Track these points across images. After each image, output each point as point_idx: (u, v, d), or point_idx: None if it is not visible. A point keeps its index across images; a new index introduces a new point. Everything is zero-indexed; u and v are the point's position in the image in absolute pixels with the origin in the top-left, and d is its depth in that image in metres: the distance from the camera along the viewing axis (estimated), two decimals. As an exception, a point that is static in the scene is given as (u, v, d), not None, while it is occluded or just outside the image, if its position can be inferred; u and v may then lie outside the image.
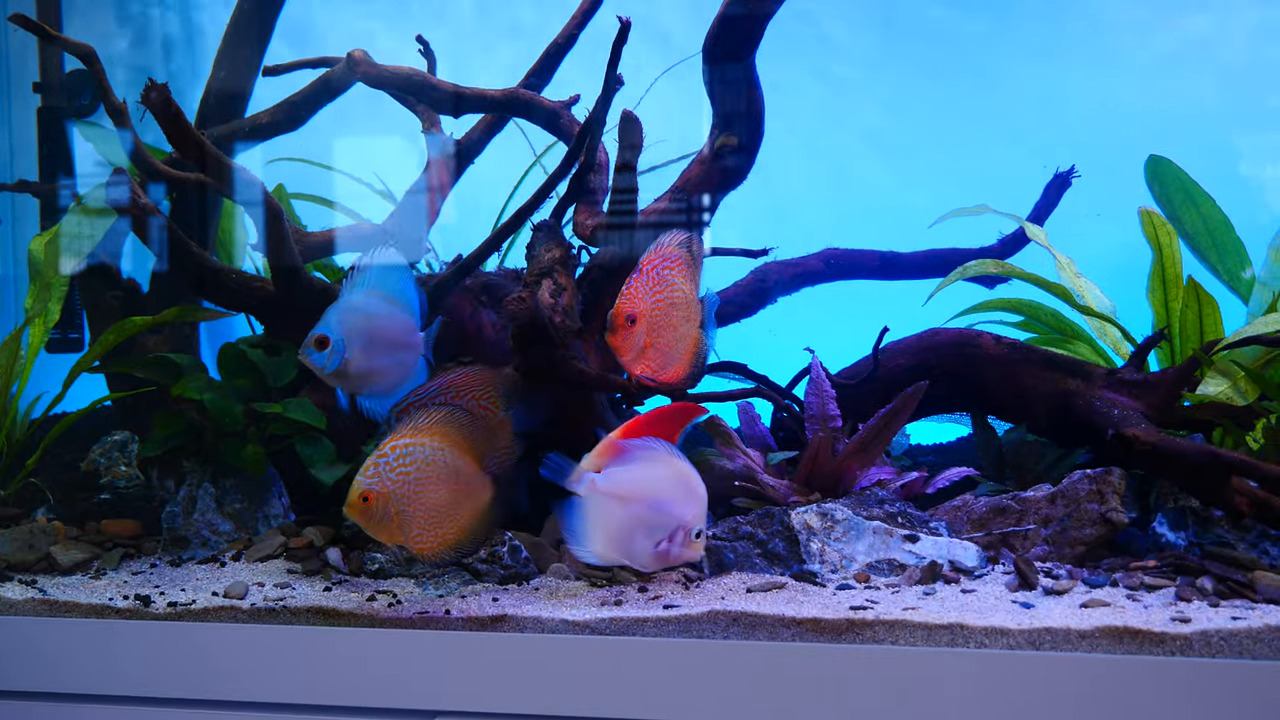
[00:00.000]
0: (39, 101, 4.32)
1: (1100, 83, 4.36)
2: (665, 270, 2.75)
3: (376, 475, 2.67)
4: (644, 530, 2.60)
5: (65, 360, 3.81)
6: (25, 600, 2.86)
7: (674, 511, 2.61)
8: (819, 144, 4.55)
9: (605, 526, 2.61)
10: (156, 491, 3.44)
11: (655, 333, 2.73)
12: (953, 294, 3.65)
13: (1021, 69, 4.46)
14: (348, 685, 2.62)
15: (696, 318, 2.83)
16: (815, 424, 3.28)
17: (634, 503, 2.60)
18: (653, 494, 2.61)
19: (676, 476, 2.64)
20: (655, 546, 2.60)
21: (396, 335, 2.95)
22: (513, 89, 3.63)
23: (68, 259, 3.66)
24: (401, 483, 2.68)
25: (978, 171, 4.40)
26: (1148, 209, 3.31)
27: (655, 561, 2.64)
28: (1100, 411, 3.18)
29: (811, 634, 2.48)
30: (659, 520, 2.60)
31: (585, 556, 2.65)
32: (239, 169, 3.27)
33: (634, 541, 2.61)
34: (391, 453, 2.69)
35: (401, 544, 2.71)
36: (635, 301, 2.71)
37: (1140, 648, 2.35)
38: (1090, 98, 4.36)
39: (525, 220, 3.40)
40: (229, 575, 3.05)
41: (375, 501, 2.66)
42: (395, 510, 2.67)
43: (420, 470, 2.70)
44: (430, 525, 2.71)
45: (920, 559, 2.82)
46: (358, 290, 2.93)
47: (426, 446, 2.71)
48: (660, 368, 2.77)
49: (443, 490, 2.72)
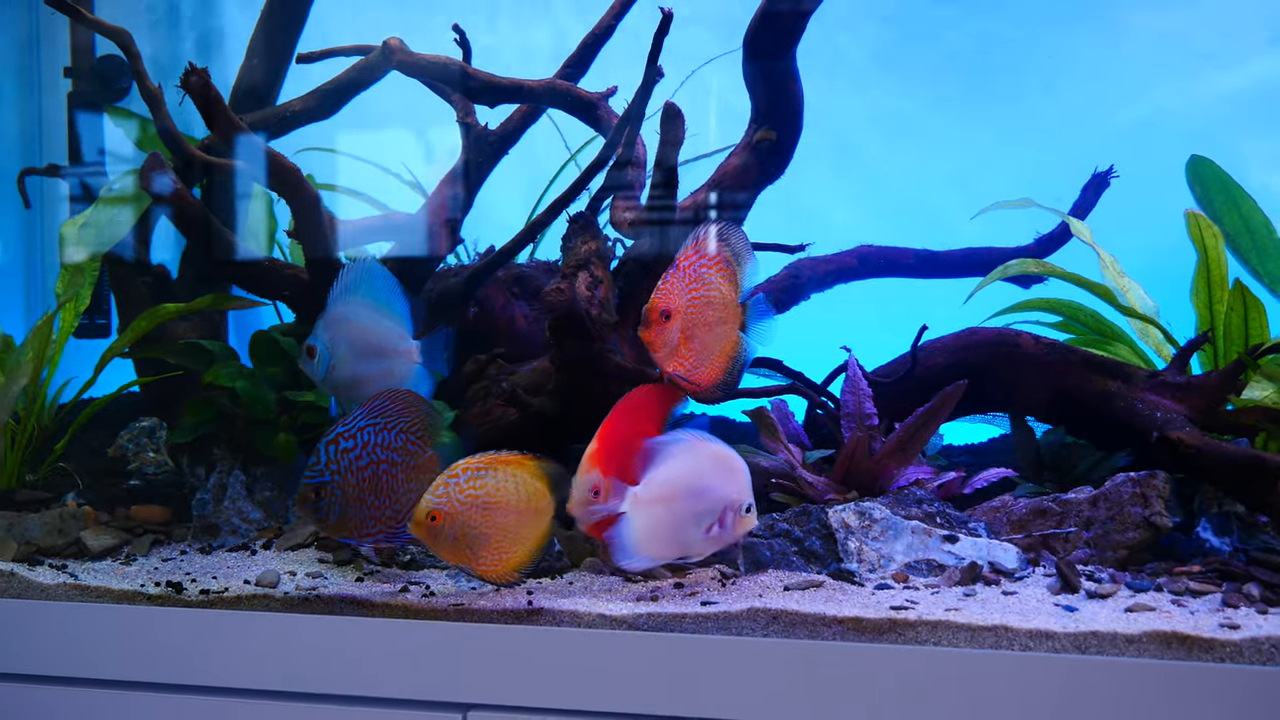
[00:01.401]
0: (69, 87, 4.30)
1: (1140, 81, 4.33)
2: (703, 268, 2.71)
3: (445, 495, 2.64)
4: (692, 521, 2.58)
5: (89, 345, 3.79)
6: (57, 585, 2.84)
7: (718, 494, 2.58)
8: (850, 139, 4.52)
9: (654, 531, 2.58)
10: (186, 478, 3.42)
11: (690, 331, 2.70)
12: (988, 294, 3.62)
13: (1057, 67, 4.42)
14: (381, 676, 2.60)
15: (735, 319, 2.79)
16: (851, 422, 3.25)
17: (677, 499, 2.57)
18: (693, 484, 2.58)
19: (712, 459, 2.61)
20: (707, 533, 2.58)
21: (382, 342, 2.96)
22: (550, 80, 3.60)
23: (98, 244, 3.64)
24: (470, 504, 2.65)
25: (1011, 172, 4.37)
26: (1194, 211, 3.27)
27: (710, 546, 2.62)
28: (1142, 414, 3.15)
29: (853, 633, 2.45)
30: (705, 507, 2.58)
31: (639, 564, 2.62)
32: (277, 155, 3.25)
33: (685, 534, 2.59)
34: (463, 473, 2.66)
35: (466, 565, 2.68)
36: (670, 297, 2.68)
37: (1189, 654, 2.32)
38: (1129, 96, 4.32)
39: (561, 212, 3.38)
40: (260, 564, 3.03)
41: (442, 521, 2.63)
42: (461, 531, 2.64)
43: (490, 495, 2.66)
44: (497, 549, 2.69)
45: (959, 560, 2.79)
46: (341, 299, 2.95)
47: (499, 473, 2.68)
48: (694, 367, 2.74)
49: (510, 515, 2.68)
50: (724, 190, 3.41)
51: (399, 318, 2.99)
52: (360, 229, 3.66)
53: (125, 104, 4.26)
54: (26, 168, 4.18)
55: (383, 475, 2.77)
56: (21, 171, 4.16)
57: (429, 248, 3.57)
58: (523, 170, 3.92)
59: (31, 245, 4.69)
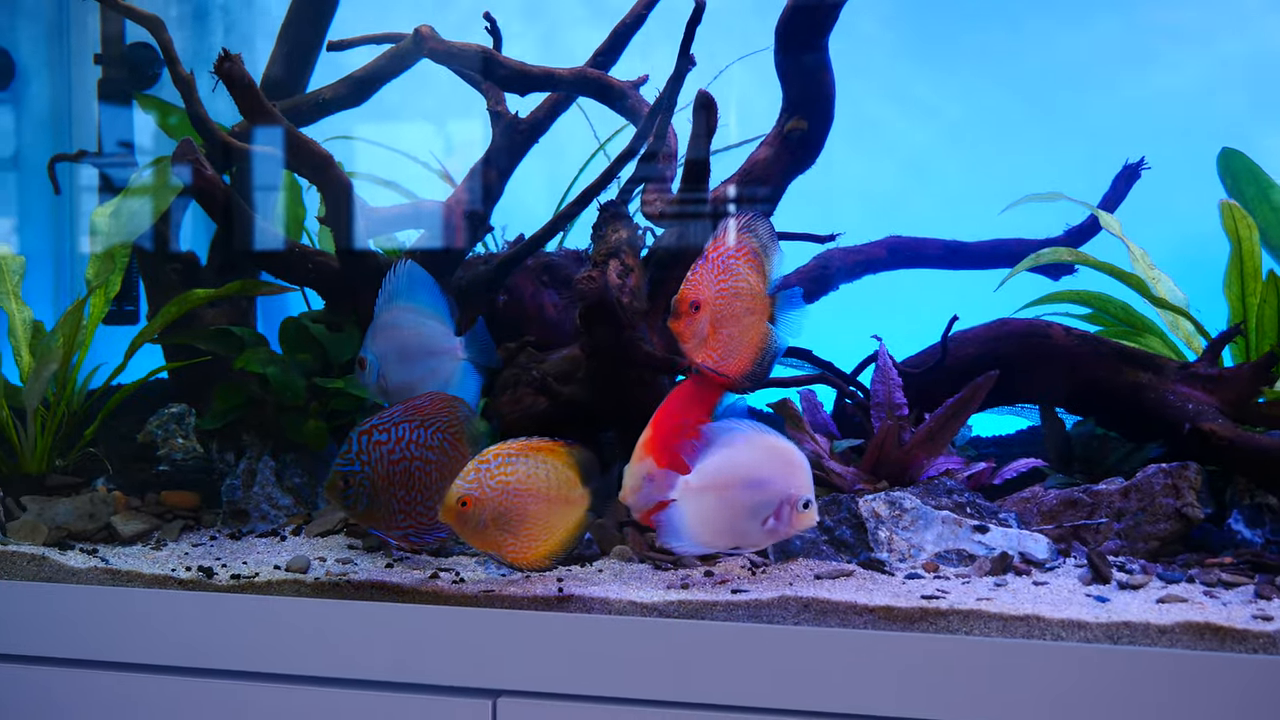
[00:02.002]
0: (99, 74, 4.31)
1: (1171, 74, 4.31)
2: (730, 260, 2.72)
3: (476, 481, 2.64)
4: (748, 512, 2.57)
5: (118, 333, 3.80)
6: (88, 569, 2.85)
7: (774, 487, 2.56)
8: (879, 129, 4.51)
9: (706, 518, 2.58)
10: (215, 464, 3.43)
11: (718, 322, 2.71)
12: (1016, 287, 3.61)
13: (1091, 56, 4.41)
14: (411, 662, 2.60)
15: (764, 310, 2.79)
16: (881, 412, 3.24)
17: (731, 488, 2.57)
18: (749, 475, 2.57)
19: (770, 452, 2.60)
20: (763, 525, 2.57)
21: (427, 344, 3.00)
22: (580, 68, 3.60)
23: (128, 231, 3.65)
24: (500, 491, 2.64)
25: (1040, 163, 4.35)
26: (1229, 201, 3.26)
27: (766, 539, 2.61)
28: (1173, 406, 3.14)
29: (884, 622, 2.45)
30: (761, 499, 2.56)
31: (690, 549, 2.62)
32: (310, 142, 3.26)
33: (740, 524, 2.58)
34: (493, 459, 2.66)
35: (496, 552, 2.68)
36: (700, 289, 2.68)
37: (1221, 644, 2.31)
38: (1160, 89, 4.30)
39: (591, 201, 3.38)
40: (289, 549, 3.04)
41: (472, 507, 2.62)
42: (491, 518, 2.64)
43: (521, 481, 2.66)
44: (527, 537, 2.68)
45: (990, 550, 2.78)
46: (385, 307, 3.00)
47: (531, 459, 2.68)
48: (722, 358, 2.74)
49: (541, 503, 2.68)
50: (754, 180, 3.40)
51: (442, 317, 3.02)
52: (390, 217, 3.66)
53: (155, 92, 4.27)
54: (57, 154, 4.20)
55: (415, 471, 2.78)
56: (52, 158, 4.17)
57: (459, 236, 3.57)
58: (551, 160, 3.93)
59: (60, 234, 4.71)
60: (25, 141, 4.75)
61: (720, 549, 2.66)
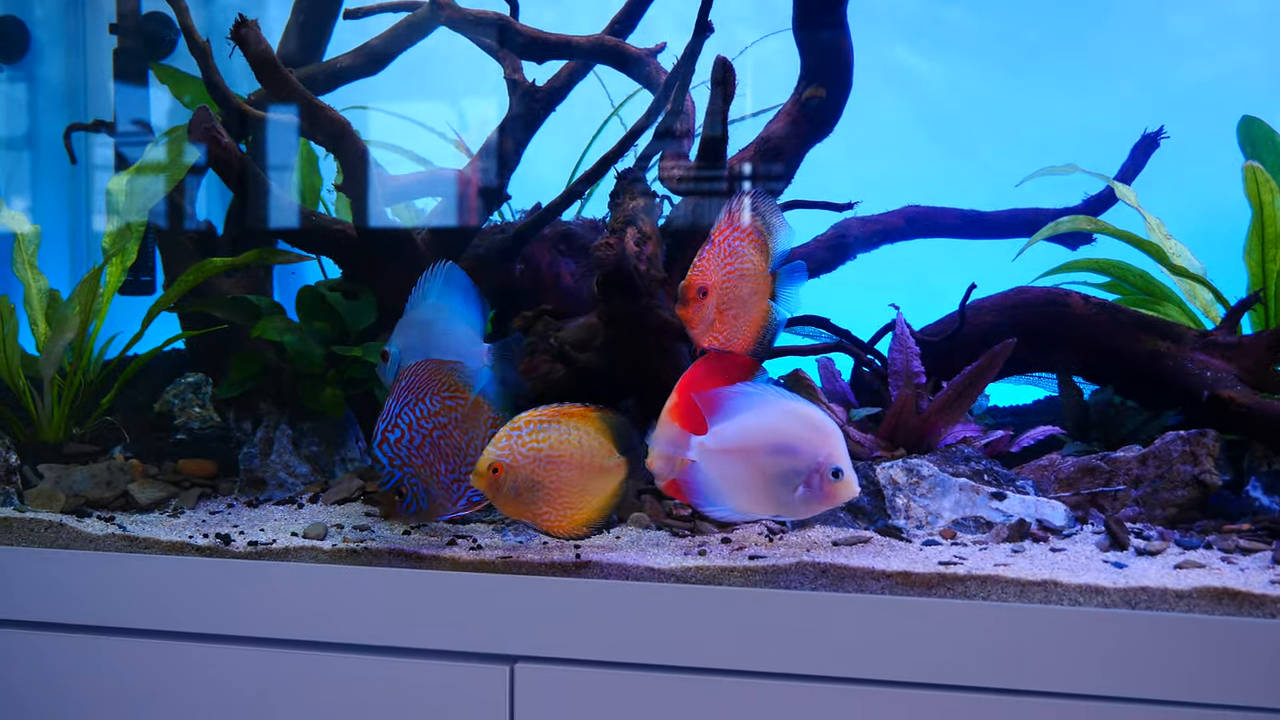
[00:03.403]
0: (115, 43, 4.31)
1: (1192, 42, 4.30)
2: (736, 242, 2.72)
3: (508, 447, 2.63)
4: (778, 479, 2.52)
5: (134, 304, 3.80)
6: (106, 536, 2.86)
7: (802, 454, 2.51)
8: (901, 102, 4.50)
9: (734, 483, 2.56)
10: (232, 433, 3.43)
11: (724, 305, 2.71)
12: (1034, 256, 3.61)
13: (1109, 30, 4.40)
14: (428, 628, 2.61)
15: (767, 289, 2.80)
16: (899, 380, 3.24)
17: (755, 453, 2.54)
18: (771, 440, 2.54)
19: (793, 417, 2.55)
20: (795, 493, 2.54)
21: (452, 346, 2.97)
22: (598, 36, 3.60)
23: (144, 200, 3.65)
24: (532, 458, 2.63)
25: (1057, 133, 4.35)
26: (1252, 165, 3.24)
27: (805, 508, 2.54)
28: (1191, 374, 3.14)
29: (901, 587, 2.45)
30: (787, 465, 2.51)
31: (720, 514, 2.59)
32: (326, 108, 3.25)
33: (772, 491, 2.53)
34: (525, 426, 2.65)
35: (530, 520, 2.68)
36: (707, 274, 2.69)
37: (1239, 609, 2.31)
38: (1180, 59, 4.29)
39: (608, 169, 3.37)
40: (306, 517, 3.04)
41: (504, 473, 2.62)
42: (524, 485, 2.64)
43: (553, 448, 2.65)
44: (560, 504, 2.67)
45: (1007, 517, 2.78)
46: (418, 304, 3.00)
47: (562, 425, 2.67)
48: (728, 339, 2.74)
49: (574, 470, 2.66)
50: (772, 148, 3.40)
51: (474, 322, 3.02)
52: (407, 184, 3.66)
53: (170, 61, 4.26)
54: (73, 123, 4.20)
55: (440, 442, 2.77)
56: (68, 127, 4.17)
57: (475, 204, 3.57)
58: (567, 128, 3.92)
59: (76, 206, 4.71)
60: (40, 114, 4.75)
61: (758, 516, 2.63)
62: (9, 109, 4.69)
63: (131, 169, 3.67)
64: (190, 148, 3.60)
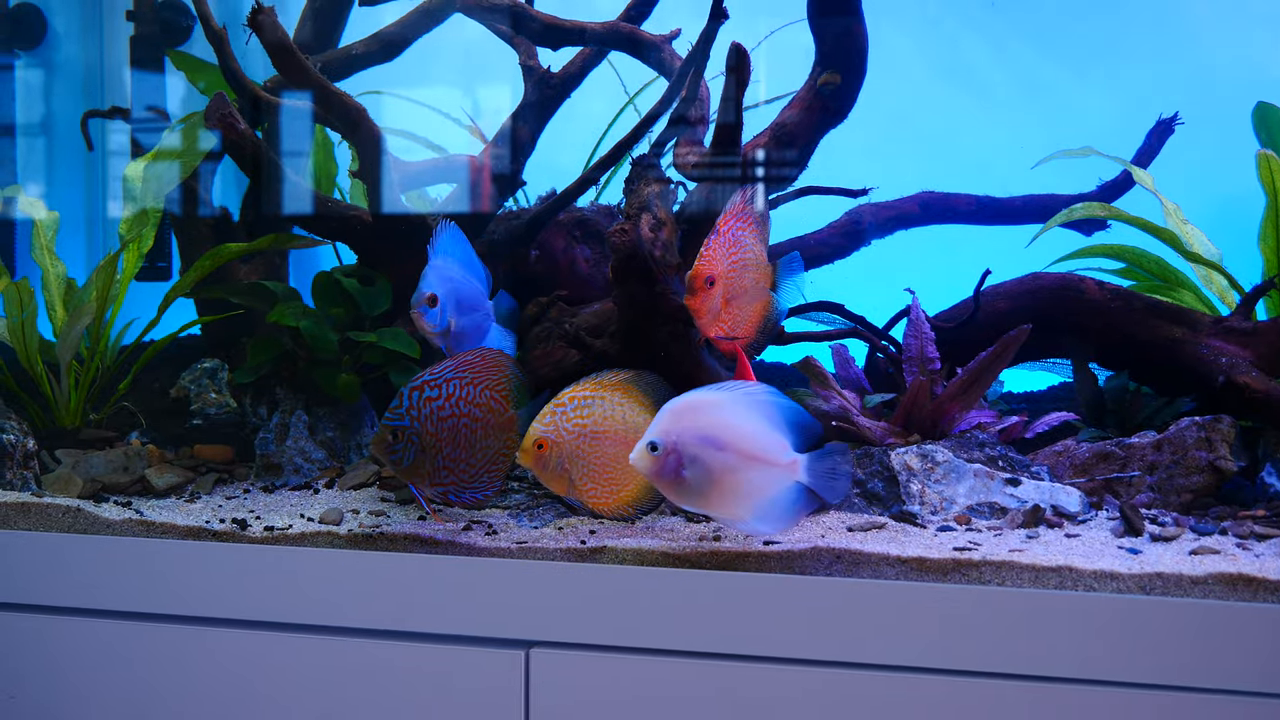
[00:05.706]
0: (131, 30, 4.31)
1: (1206, 28, 4.28)
2: (740, 232, 2.74)
3: (553, 423, 2.64)
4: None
5: (150, 290, 3.81)
6: (123, 520, 2.87)
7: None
8: (911, 86, 4.49)
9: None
10: (248, 418, 3.45)
11: (730, 295, 2.73)
12: (1049, 242, 3.60)
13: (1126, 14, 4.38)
14: (444, 613, 2.61)
15: (767, 279, 2.83)
16: (913, 366, 3.24)
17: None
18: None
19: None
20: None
21: (474, 298, 3.00)
22: (613, 22, 3.60)
23: (161, 186, 3.66)
24: (577, 434, 2.64)
25: (1073, 117, 4.33)
26: (1265, 152, 3.23)
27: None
28: (1206, 360, 3.14)
29: (917, 573, 2.45)
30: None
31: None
32: (342, 95, 3.26)
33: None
34: (570, 402, 2.66)
35: (576, 497, 2.68)
36: (714, 264, 2.71)
37: (1254, 595, 2.31)
38: (1195, 43, 4.27)
39: (623, 156, 3.37)
40: (322, 502, 3.05)
41: (549, 450, 2.62)
42: (570, 462, 2.64)
43: (597, 424, 2.66)
44: (606, 481, 2.68)
45: (1022, 502, 2.78)
46: (440, 254, 2.97)
47: (606, 401, 2.67)
48: (732, 329, 2.76)
49: (620, 447, 2.66)
50: (787, 135, 3.39)
51: (480, 276, 3.03)
52: (421, 171, 3.66)
53: (186, 48, 4.27)
54: (90, 110, 4.21)
55: (463, 429, 2.77)
56: (85, 114, 4.18)
57: (490, 190, 3.57)
58: (583, 114, 3.92)
59: (93, 193, 4.72)
60: (57, 100, 4.76)
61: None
62: (26, 95, 4.70)
63: (148, 155, 3.68)
64: (206, 134, 3.61)
